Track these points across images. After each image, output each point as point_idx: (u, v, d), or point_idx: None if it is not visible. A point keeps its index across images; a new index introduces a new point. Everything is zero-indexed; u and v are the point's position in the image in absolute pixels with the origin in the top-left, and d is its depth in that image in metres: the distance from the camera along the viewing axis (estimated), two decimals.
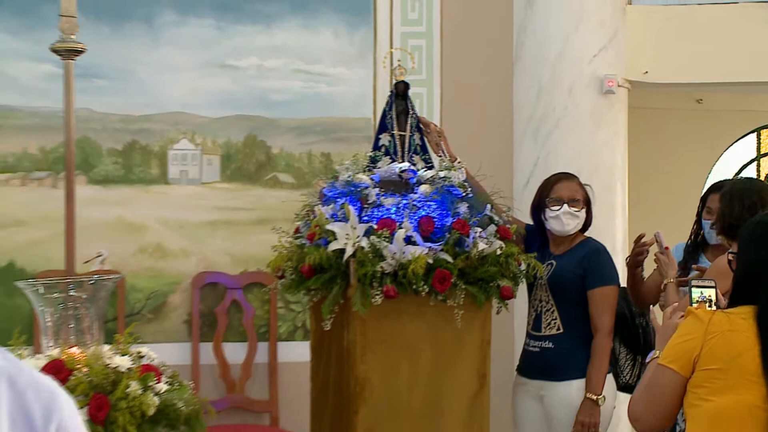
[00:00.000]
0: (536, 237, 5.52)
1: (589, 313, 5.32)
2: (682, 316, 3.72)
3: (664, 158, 8.24)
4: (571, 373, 5.29)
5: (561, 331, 5.32)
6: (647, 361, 3.95)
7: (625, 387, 5.55)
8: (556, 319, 5.35)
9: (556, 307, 5.36)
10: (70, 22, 4.76)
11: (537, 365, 5.42)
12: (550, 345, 5.34)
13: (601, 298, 5.32)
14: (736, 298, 3.46)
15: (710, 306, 3.87)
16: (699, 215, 5.60)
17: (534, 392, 5.43)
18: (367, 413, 5.14)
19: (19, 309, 6.18)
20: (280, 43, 7.19)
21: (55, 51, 4.80)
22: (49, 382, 1.46)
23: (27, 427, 1.38)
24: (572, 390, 5.29)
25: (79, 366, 4.16)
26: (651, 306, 5.52)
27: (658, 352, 3.71)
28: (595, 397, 5.23)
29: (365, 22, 7.24)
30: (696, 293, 3.97)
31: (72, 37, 4.76)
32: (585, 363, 5.26)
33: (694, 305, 3.82)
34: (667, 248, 5.24)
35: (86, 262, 4.92)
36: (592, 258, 5.37)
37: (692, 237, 5.65)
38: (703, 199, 5.60)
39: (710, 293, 3.88)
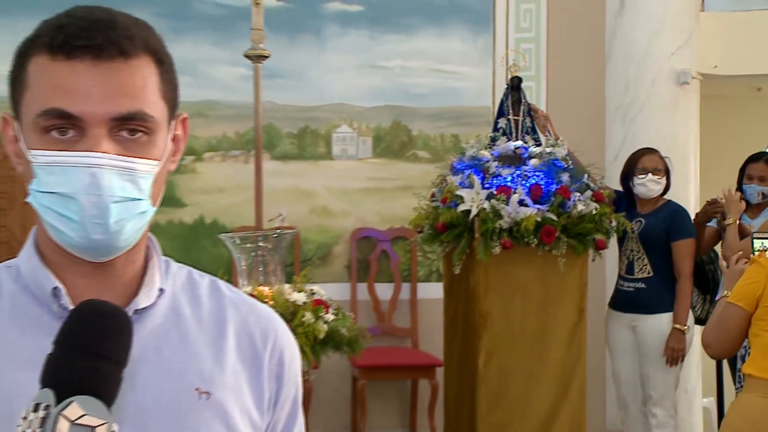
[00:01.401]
0: (624, 200, 5.51)
1: (673, 260, 5.35)
2: (746, 262, 3.73)
3: (729, 137, 8.04)
4: (660, 308, 5.33)
5: (651, 274, 5.35)
6: (717, 299, 3.95)
7: (696, 320, 5.52)
8: (646, 265, 5.37)
9: (646, 255, 5.39)
10: (259, 34, 4.87)
11: (631, 301, 5.44)
12: (643, 285, 5.37)
13: (684, 248, 5.35)
14: None
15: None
16: (740, 182, 5.59)
17: (627, 323, 5.44)
18: (488, 339, 5.21)
19: (221, 256, 6.29)
20: (418, 47, 7.19)
21: (247, 56, 4.92)
22: (266, 309, 1.45)
23: (249, 344, 1.38)
24: (662, 322, 5.32)
25: (266, 300, 4.27)
26: (710, 254, 5.56)
27: (726, 291, 3.71)
28: (682, 328, 5.27)
29: (486, 30, 7.20)
30: (758, 244, 3.97)
31: (260, 45, 4.87)
32: (671, 300, 5.29)
33: (756, 254, 3.81)
34: (737, 191, 5.30)
35: (270, 220, 5.02)
36: (675, 216, 5.40)
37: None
38: (742, 169, 5.65)
39: None
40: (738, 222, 5.20)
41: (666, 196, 5.54)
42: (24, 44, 1.26)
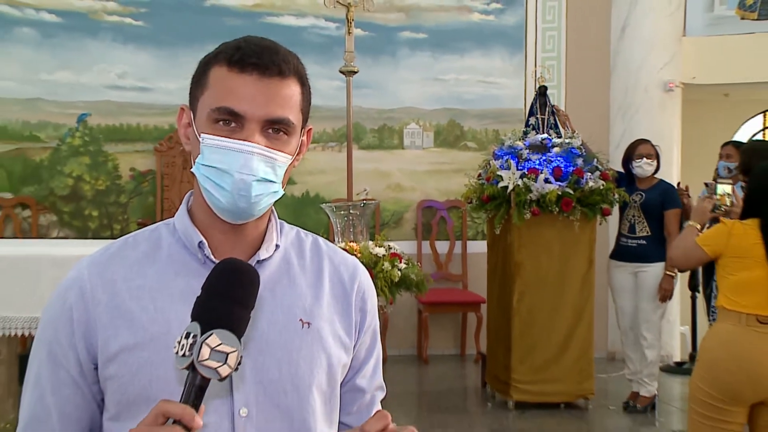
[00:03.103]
0: (624, 179, 5.38)
1: (664, 223, 5.22)
2: (710, 201, 3.73)
3: (703, 130, 7.87)
4: (657, 259, 5.19)
5: (649, 234, 5.23)
6: (684, 226, 3.90)
7: (680, 270, 5.42)
8: (645, 227, 5.26)
9: (645, 219, 5.25)
10: (350, 55, 4.82)
11: (634, 254, 5.29)
12: (644, 242, 5.24)
13: (673, 216, 5.23)
14: (747, 212, 3.30)
15: (730, 197, 4.05)
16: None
17: (631, 271, 5.31)
18: (520, 283, 5.18)
19: (321, 220, 6.26)
20: (468, 65, 7.10)
21: (341, 72, 4.88)
22: (353, 260, 1.44)
23: (341, 286, 1.38)
24: (658, 269, 5.20)
25: (355, 253, 4.24)
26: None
27: (691, 221, 3.64)
28: (671, 273, 5.19)
29: (520, 51, 7.09)
30: (720, 189, 4.07)
31: (351, 64, 4.82)
32: (664, 253, 5.13)
33: (717, 196, 4.02)
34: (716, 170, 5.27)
35: (357, 193, 4.98)
36: (668, 192, 5.28)
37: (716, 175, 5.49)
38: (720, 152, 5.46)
39: (728, 188, 4.11)
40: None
41: (657, 175, 5.38)
42: (208, 57, 1.28)
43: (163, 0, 6.70)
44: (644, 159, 5.27)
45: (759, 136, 9.31)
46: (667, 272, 5.20)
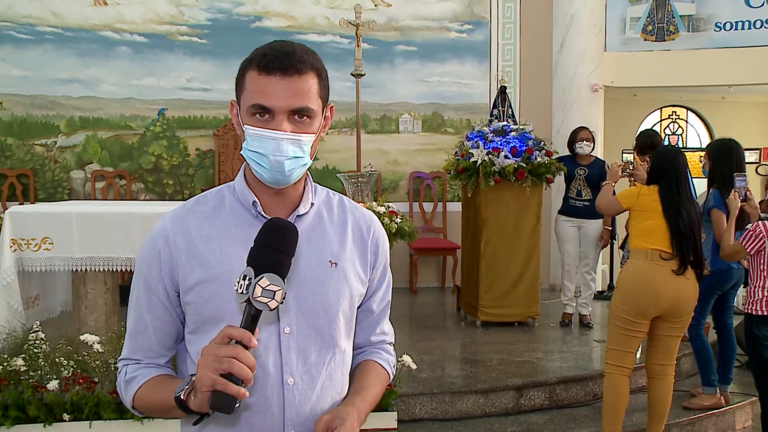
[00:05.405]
0: (565, 157, 5.25)
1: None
2: (620, 167, 3.88)
3: (619, 121, 7.82)
4: (596, 216, 5.07)
5: (591, 198, 5.05)
6: (603, 184, 3.86)
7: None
8: (589, 192, 5.11)
9: (588, 187, 5.12)
10: (359, 63, 4.75)
11: (580, 212, 5.15)
12: (588, 204, 5.07)
13: (608, 185, 5.10)
14: (650, 180, 3.36)
15: (631, 163, 4.02)
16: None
17: (576, 224, 5.20)
18: (486, 233, 5.09)
19: (337, 187, 5.89)
20: (448, 70, 6.94)
21: (352, 75, 4.78)
22: (370, 213, 1.41)
23: (360, 234, 1.35)
24: (598, 223, 5.13)
25: None
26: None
27: (608, 181, 3.79)
28: (609, 228, 5.16)
29: (486, 60, 6.93)
30: (625, 157, 4.04)
31: (359, 69, 4.72)
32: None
33: (624, 162, 4.01)
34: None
35: (365, 167, 4.92)
36: (602, 166, 5.08)
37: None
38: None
39: (630, 157, 4.17)
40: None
41: (593, 154, 5.28)
42: (244, 62, 1.23)
43: (220, 24, 6.64)
44: (584, 141, 5.15)
45: (656, 127, 9.26)
46: (606, 227, 5.12)
